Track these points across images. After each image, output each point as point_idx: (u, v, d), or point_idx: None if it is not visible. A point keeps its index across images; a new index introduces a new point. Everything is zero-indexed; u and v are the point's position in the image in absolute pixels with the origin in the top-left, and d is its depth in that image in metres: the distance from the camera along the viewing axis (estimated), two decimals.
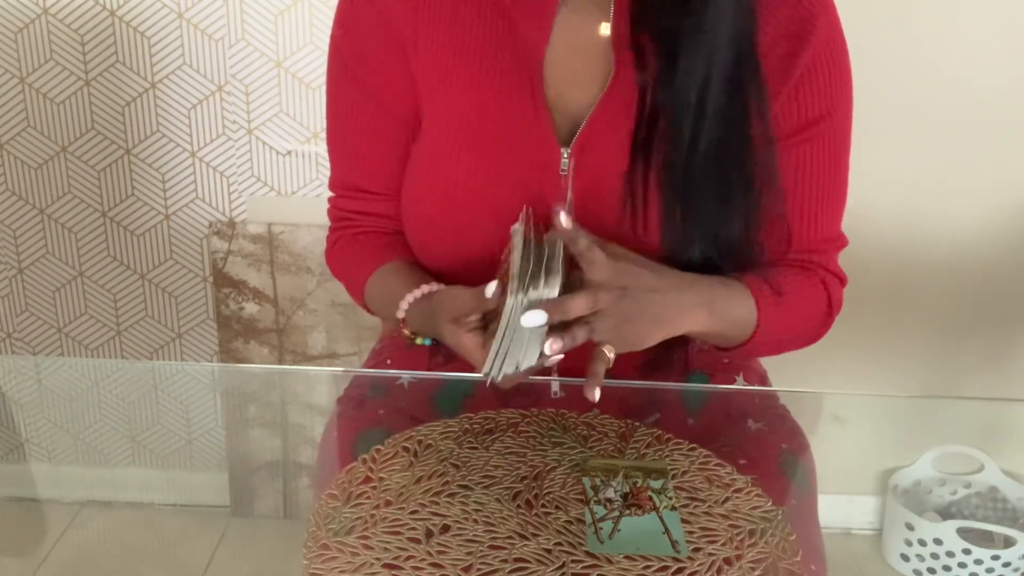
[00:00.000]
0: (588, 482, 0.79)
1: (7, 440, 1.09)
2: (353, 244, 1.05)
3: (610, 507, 0.77)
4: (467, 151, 0.92)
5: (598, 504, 0.77)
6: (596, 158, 0.89)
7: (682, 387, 1.02)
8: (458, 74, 0.91)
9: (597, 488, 0.79)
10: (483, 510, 0.77)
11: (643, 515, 0.76)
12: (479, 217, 0.91)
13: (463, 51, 0.91)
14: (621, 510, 0.76)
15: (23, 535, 0.92)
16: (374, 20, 0.94)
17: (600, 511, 0.76)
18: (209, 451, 0.83)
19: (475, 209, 0.92)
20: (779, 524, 0.77)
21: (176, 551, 0.90)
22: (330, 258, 1.08)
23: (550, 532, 0.74)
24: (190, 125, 1.66)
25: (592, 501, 0.78)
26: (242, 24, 1.59)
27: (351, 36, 0.96)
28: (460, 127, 0.92)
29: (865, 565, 1.66)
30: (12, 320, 1.79)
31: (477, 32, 0.91)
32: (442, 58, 0.92)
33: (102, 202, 1.70)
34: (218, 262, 1.71)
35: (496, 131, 0.91)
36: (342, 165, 1.03)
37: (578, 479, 0.80)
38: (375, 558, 0.71)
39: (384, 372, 1.06)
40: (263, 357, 1.75)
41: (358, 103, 0.98)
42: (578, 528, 0.75)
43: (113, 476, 1.03)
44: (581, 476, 0.81)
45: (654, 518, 0.76)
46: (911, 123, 1.59)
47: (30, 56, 1.61)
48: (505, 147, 0.91)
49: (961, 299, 1.71)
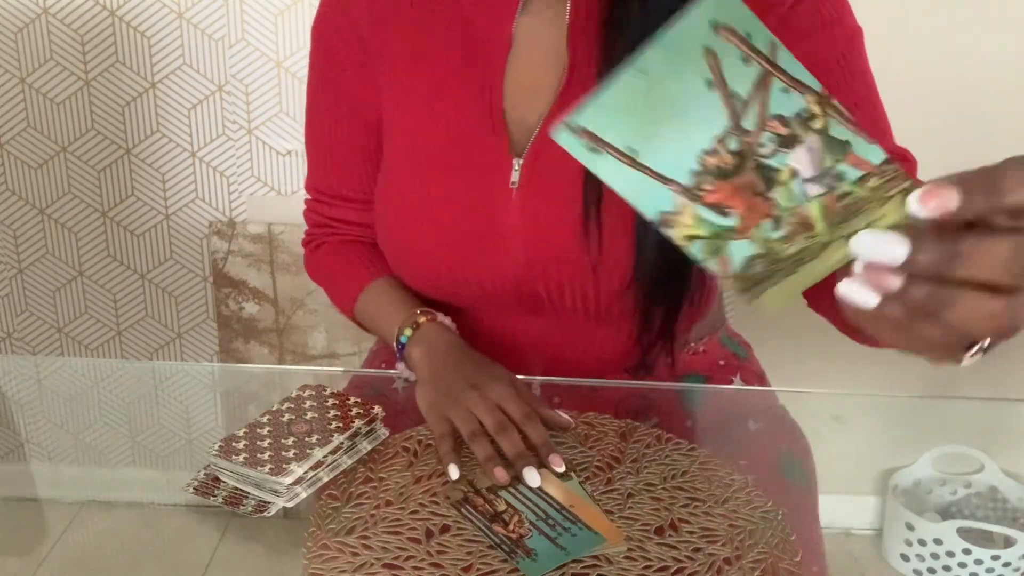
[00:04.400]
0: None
1: (7, 440, 1.09)
2: (343, 250, 1.05)
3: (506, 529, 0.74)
4: (422, 166, 0.91)
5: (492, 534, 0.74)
6: (548, 168, 0.88)
7: (682, 387, 1.02)
8: (419, 87, 0.91)
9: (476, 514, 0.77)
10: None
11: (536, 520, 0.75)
12: (434, 231, 0.91)
13: (425, 63, 0.91)
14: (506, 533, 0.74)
15: (23, 535, 0.92)
16: (346, 30, 0.94)
17: (496, 538, 0.73)
18: (209, 451, 0.83)
19: (431, 223, 0.91)
20: (779, 524, 0.77)
21: (176, 551, 0.90)
22: (311, 262, 1.09)
23: None
24: (190, 125, 1.66)
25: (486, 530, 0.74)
26: (242, 24, 1.59)
27: (325, 45, 0.97)
28: (418, 140, 0.92)
29: (865, 565, 1.66)
30: (12, 320, 1.79)
31: (439, 43, 0.91)
32: (405, 70, 0.92)
33: (102, 202, 1.70)
34: (218, 262, 1.71)
35: (452, 145, 0.90)
36: (320, 169, 1.04)
37: None
38: (375, 558, 0.71)
39: (384, 372, 1.06)
40: (263, 357, 1.75)
41: (334, 112, 0.98)
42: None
43: (113, 476, 1.03)
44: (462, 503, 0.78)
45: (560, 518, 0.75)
46: (911, 123, 1.59)
47: (30, 56, 1.61)
48: (460, 161, 0.90)
49: None
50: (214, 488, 0.81)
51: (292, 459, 0.79)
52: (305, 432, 0.83)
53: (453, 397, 0.84)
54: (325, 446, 0.81)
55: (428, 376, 0.89)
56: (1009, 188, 0.42)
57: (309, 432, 0.83)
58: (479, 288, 0.92)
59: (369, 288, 1.01)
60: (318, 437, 0.82)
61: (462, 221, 0.90)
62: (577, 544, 0.73)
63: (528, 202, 0.89)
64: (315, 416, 0.86)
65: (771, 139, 0.50)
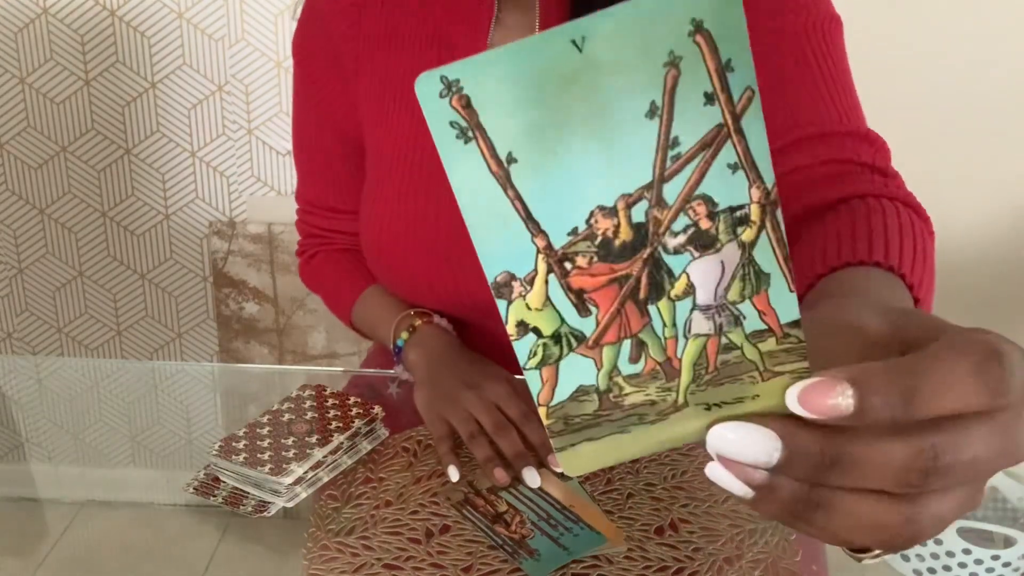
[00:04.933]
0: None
1: (7, 440, 1.09)
2: (338, 259, 1.06)
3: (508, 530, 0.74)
4: (407, 184, 0.91)
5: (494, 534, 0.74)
6: None
7: None
8: (393, 100, 0.92)
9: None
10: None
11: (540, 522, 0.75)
12: (423, 249, 0.91)
13: (398, 76, 0.91)
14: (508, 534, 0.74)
15: (23, 535, 0.92)
16: (322, 43, 0.95)
17: (498, 539, 0.73)
18: (209, 451, 0.83)
19: (420, 241, 0.91)
20: (779, 524, 0.77)
21: (176, 551, 0.90)
22: (306, 272, 1.10)
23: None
24: (190, 125, 1.66)
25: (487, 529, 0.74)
26: (242, 24, 1.59)
27: (305, 61, 0.98)
28: (399, 155, 0.92)
29: (865, 565, 1.66)
30: (12, 320, 1.79)
31: (415, 61, 0.91)
32: (379, 83, 0.92)
33: (102, 202, 1.70)
34: (218, 262, 1.71)
35: (433, 158, 0.90)
36: (308, 181, 1.05)
37: None
38: (375, 558, 0.71)
39: (384, 372, 1.06)
40: (263, 357, 1.75)
41: (317, 124, 0.99)
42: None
43: (113, 476, 1.03)
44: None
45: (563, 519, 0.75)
46: (910, 123, 1.59)
47: (30, 56, 1.61)
48: (441, 174, 0.90)
49: (961, 299, 1.71)
50: (214, 488, 0.81)
51: (292, 459, 0.79)
52: (305, 432, 0.83)
53: (451, 398, 0.84)
54: (325, 446, 0.81)
55: (425, 377, 0.89)
56: (927, 395, 0.33)
57: (309, 432, 0.83)
58: (470, 303, 0.93)
59: (365, 294, 1.02)
60: (318, 437, 0.82)
61: (449, 238, 0.90)
62: (579, 544, 0.73)
63: None
64: (315, 416, 0.86)
65: (685, 228, 0.34)
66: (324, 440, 0.82)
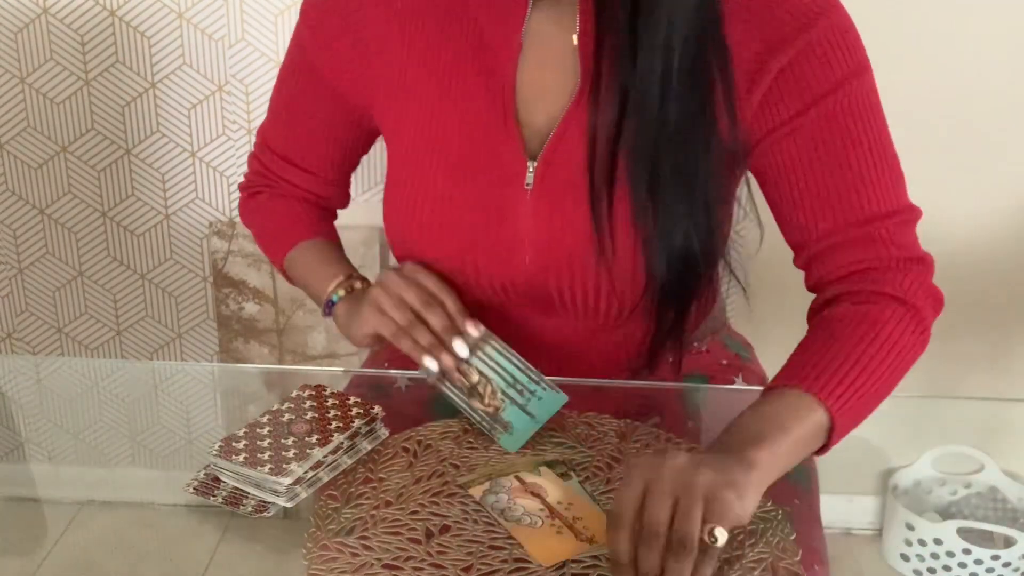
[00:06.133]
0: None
1: (7, 440, 1.09)
2: (289, 204, 1.07)
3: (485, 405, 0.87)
4: (434, 168, 0.91)
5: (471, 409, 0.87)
6: (562, 171, 0.87)
7: (682, 387, 1.02)
8: (424, 86, 0.91)
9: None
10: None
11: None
12: (448, 233, 0.91)
13: (430, 61, 0.91)
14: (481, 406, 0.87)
15: (23, 535, 0.92)
16: (341, 11, 0.93)
17: (477, 415, 0.86)
18: (209, 451, 0.83)
19: (445, 225, 0.91)
20: (779, 524, 0.77)
21: (176, 551, 0.90)
22: (248, 206, 1.10)
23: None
24: (190, 125, 1.66)
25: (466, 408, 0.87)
26: (242, 24, 1.59)
27: (317, 18, 0.95)
28: (426, 140, 0.91)
29: (865, 565, 1.66)
30: (12, 320, 1.79)
31: (446, 42, 0.90)
32: (405, 65, 0.91)
33: (102, 202, 1.70)
34: (218, 262, 1.71)
35: (463, 145, 0.90)
36: (276, 122, 1.04)
37: None
38: (375, 558, 0.71)
39: (383, 372, 1.06)
40: (263, 357, 1.75)
41: (311, 85, 0.98)
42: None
43: (113, 476, 1.03)
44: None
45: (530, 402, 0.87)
46: (910, 124, 1.59)
47: (30, 56, 1.61)
48: (475, 164, 0.90)
49: (961, 299, 1.71)
50: (214, 488, 0.81)
51: (292, 459, 0.79)
52: (305, 432, 0.83)
53: (364, 304, 0.91)
54: (325, 446, 0.81)
55: (345, 310, 0.97)
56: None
57: (309, 432, 0.83)
58: (490, 289, 0.92)
59: (310, 242, 1.04)
60: (318, 437, 0.83)
61: (476, 223, 0.90)
62: (543, 407, 0.87)
63: (542, 204, 0.88)
64: (315, 416, 0.86)
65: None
66: (324, 440, 0.82)
